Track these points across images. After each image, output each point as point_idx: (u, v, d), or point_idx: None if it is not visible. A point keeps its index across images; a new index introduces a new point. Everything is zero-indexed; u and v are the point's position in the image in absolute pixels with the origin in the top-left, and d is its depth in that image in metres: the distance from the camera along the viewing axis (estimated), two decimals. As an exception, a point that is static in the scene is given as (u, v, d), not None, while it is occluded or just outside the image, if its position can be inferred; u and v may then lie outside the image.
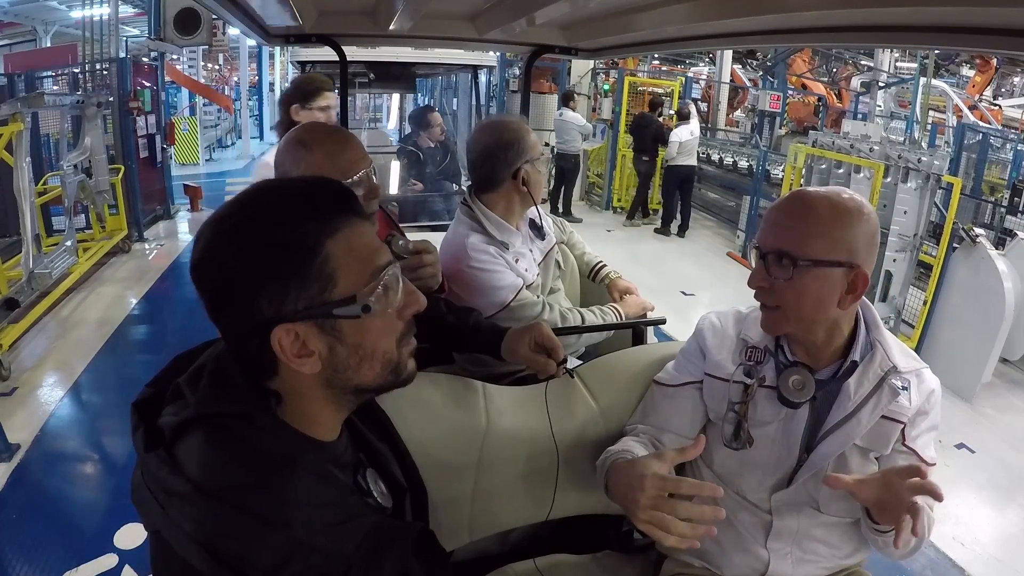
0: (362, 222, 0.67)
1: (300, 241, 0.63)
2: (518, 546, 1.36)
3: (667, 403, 1.18)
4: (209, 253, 0.64)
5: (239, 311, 0.64)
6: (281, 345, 0.63)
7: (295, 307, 0.63)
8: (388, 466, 0.82)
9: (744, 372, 1.09)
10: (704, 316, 1.21)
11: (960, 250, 4.00)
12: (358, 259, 0.65)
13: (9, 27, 12.26)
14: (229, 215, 0.65)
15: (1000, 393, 3.89)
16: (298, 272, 0.62)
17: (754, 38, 1.31)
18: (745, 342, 1.12)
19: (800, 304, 0.99)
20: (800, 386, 1.04)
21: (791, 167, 5.47)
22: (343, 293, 0.64)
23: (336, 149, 1.18)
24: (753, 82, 14.12)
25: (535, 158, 1.55)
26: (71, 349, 4.01)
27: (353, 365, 0.67)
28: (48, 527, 2.45)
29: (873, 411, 1.02)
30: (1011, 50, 0.84)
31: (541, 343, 1.22)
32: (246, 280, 0.63)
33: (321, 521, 0.62)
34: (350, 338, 0.66)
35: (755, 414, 1.08)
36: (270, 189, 0.69)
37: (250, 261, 0.62)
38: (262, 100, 17.22)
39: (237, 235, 0.64)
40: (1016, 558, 2.56)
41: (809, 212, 0.98)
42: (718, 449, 1.12)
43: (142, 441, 0.65)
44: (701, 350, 1.17)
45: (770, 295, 1.01)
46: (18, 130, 3.89)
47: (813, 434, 1.04)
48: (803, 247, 0.96)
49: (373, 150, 6.13)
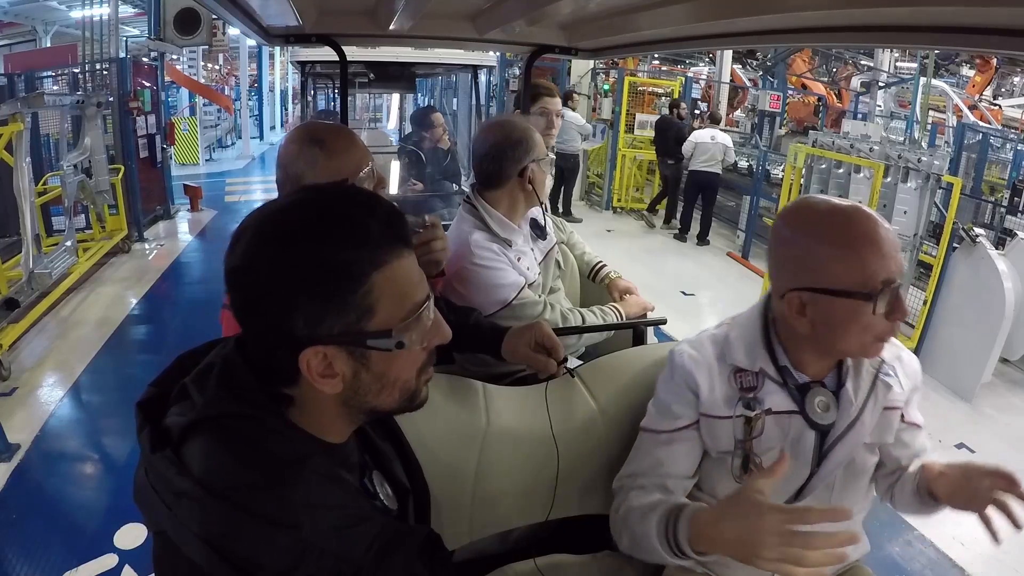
0: (409, 253, 0.67)
1: (347, 268, 0.62)
2: (518, 546, 1.36)
3: (664, 449, 1.10)
4: (250, 260, 0.63)
5: (271, 323, 0.63)
6: (308, 364, 0.63)
7: (330, 331, 0.62)
8: (392, 467, 0.82)
9: (744, 405, 1.03)
10: (678, 351, 1.10)
11: (960, 250, 4.00)
12: (400, 294, 0.65)
13: (9, 27, 12.25)
14: (278, 223, 0.64)
15: (1000, 393, 3.89)
16: (339, 298, 0.62)
17: (754, 38, 1.31)
18: (733, 367, 1.05)
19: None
20: (825, 407, 1.01)
21: (791, 167, 5.47)
22: (379, 325, 0.64)
23: (347, 146, 1.23)
24: (753, 82, 14.12)
25: (541, 158, 1.56)
26: (71, 349, 4.01)
27: (374, 391, 0.67)
28: (48, 527, 2.45)
29: (874, 409, 1.03)
30: (1011, 50, 0.84)
31: (541, 342, 1.21)
32: (285, 296, 0.62)
33: (331, 523, 0.61)
34: (376, 367, 0.66)
35: (760, 443, 1.03)
36: (325, 205, 0.65)
37: (293, 278, 0.61)
38: (262, 100, 17.23)
39: (283, 248, 0.62)
40: (1016, 558, 2.55)
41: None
42: (722, 480, 1.07)
43: (148, 441, 0.64)
44: (691, 390, 1.07)
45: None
46: (18, 130, 3.89)
47: (821, 446, 1.03)
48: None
49: (373, 150, 6.16)
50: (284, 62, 16.49)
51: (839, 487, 1.05)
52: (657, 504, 1.01)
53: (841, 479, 1.05)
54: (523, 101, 2.23)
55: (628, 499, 1.09)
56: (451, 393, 1.19)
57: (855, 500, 1.07)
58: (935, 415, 3.58)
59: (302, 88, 5.50)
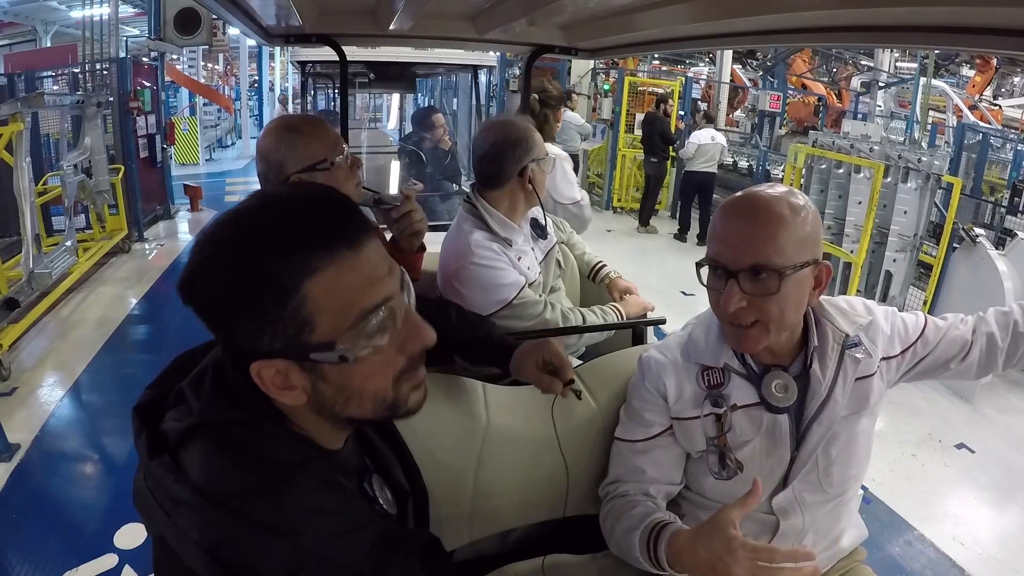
0: (353, 256, 0.60)
1: (276, 280, 0.58)
2: (518, 546, 1.36)
3: (642, 458, 1.11)
4: (191, 278, 0.61)
5: (223, 337, 0.63)
6: (261, 377, 0.61)
7: (271, 346, 0.60)
8: (391, 469, 0.81)
9: (711, 403, 1.05)
10: (646, 356, 1.13)
11: (960, 250, 4.01)
12: (340, 302, 0.60)
13: (9, 27, 12.26)
14: (215, 238, 0.61)
15: (1000, 393, 3.89)
16: (272, 312, 0.59)
17: (754, 38, 1.31)
18: (700, 366, 1.07)
19: (784, 314, 0.95)
20: (783, 389, 1.02)
21: (791, 167, 5.46)
22: (320, 338, 0.60)
23: (322, 130, 1.31)
24: (753, 82, 14.13)
25: (541, 157, 1.56)
26: (71, 349, 4.01)
27: (340, 402, 0.64)
28: (48, 527, 2.45)
29: (844, 385, 1.03)
30: (1011, 50, 0.84)
31: (549, 360, 1.18)
32: (224, 311, 0.61)
33: (329, 530, 0.61)
34: (334, 379, 0.63)
35: (735, 437, 1.04)
36: (262, 214, 0.62)
37: (228, 295, 0.59)
38: (262, 100, 17.23)
39: (217, 264, 0.60)
40: (1016, 558, 2.55)
41: (776, 218, 0.93)
42: (706, 479, 1.08)
43: (145, 447, 0.63)
44: (661, 395, 1.09)
45: (748, 312, 0.95)
46: (18, 130, 3.89)
47: (797, 430, 1.04)
48: (783, 256, 0.92)
49: (374, 150, 6.14)
50: (284, 62, 16.47)
51: (824, 467, 1.05)
52: (640, 517, 1.02)
53: (825, 459, 1.05)
54: (523, 101, 2.23)
55: (614, 508, 1.10)
56: (451, 393, 1.19)
57: (847, 479, 1.07)
58: (935, 415, 3.58)
59: (302, 88, 5.50)
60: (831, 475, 1.05)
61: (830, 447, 1.04)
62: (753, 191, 0.98)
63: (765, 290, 0.93)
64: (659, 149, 7.47)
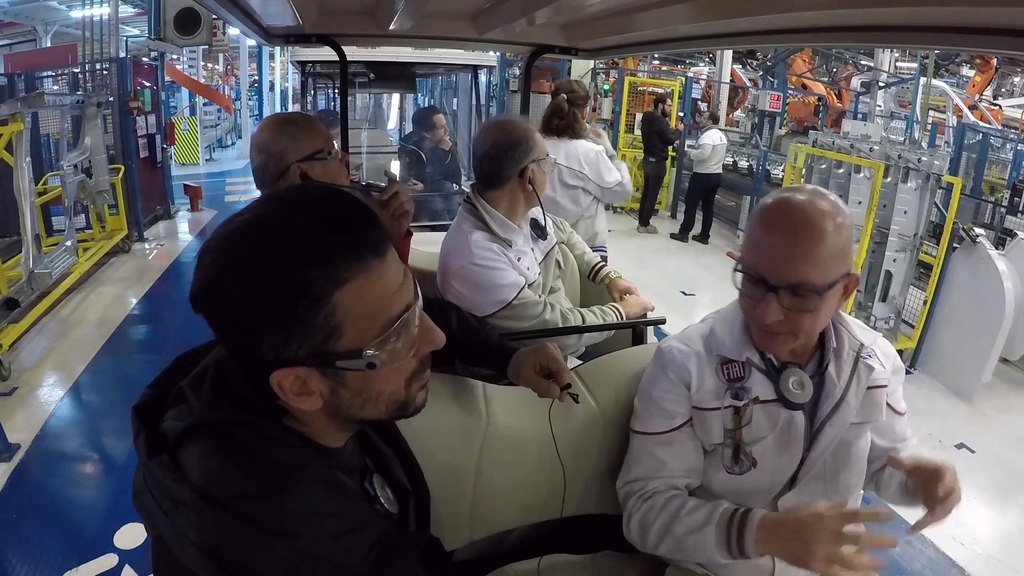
0: (380, 264, 0.61)
1: (306, 291, 0.58)
2: (518, 546, 1.36)
3: (664, 450, 1.10)
4: (209, 288, 0.59)
5: (239, 347, 0.62)
6: (280, 385, 0.61)
7: (296, 354, 0.59)
8: (392, 469, 0.81)
9: (732, 395, 1.05)
10: (667, 347, 1.13)
11: (960, 250, 4.00)
12: (369, 311, 0.61)
13: (9, 27, 12.26)
14: (233, 247, 0.59)
15: (1000, 393, 3.89)
16: (301, 322, 0.58)
17: (754, 38, 1.31)
18: (720, 359, 1.07)
19: (815, 325, 0.98)
20: (800, 386, 1.04)
21: (791, 167, 5.46)
22: (348, 346, 0.60)
23: (315, 125, 1.39)
24: (753, 82, 14.13)
25: (541, 158, 1.56)
26: (71, 349, 4.01)
27: (356, 405, 0.65)
28: (48, 527, 2.45)
29: (857, 389, 1.05)
30: (1011, 50, 0.84)
31: (546, 365, 1.17)
32: (248, 323, 0.59)
33: (329, 531, 0.61)
34: (354, 384, 0.63)
35: (750, 433, 1.04)
36: (283, 222, 0.60)
37: (253, 306, 0.58)
38: (262, 100, 17.23)
39: (240, 274, 0.58)
40: (1016, 558, 2.56)
41: (817, 234, 0.92)
42: (717, 473, 1.08)
43: (144, 447, 0.63)
44: (684, 384, 1.09)
45: (784, 324, 0.96)
46: (18, 130, 3.89)
47: (811, 429, 1.05)
48: (823, 276, 0.92)
49: (374, 150, 6.14)
50: (284, 62, 16.48)
51: (831, 472, 1.06)
52: (707, 514, 1.02)
53: (833, 464, 1.05)
54: (523, 101, 2.23)
55: (651, 504, 1.08)
56: (451, 393, 1.19)
57: (849, 486, 1.08)
58: (935, 415, 3.58)
59: (302, 88, 5.50)
60: (836, 481, 1.06)
61: (839, 452, 1.05)
62: (794, 201, 0.95)
63: (804, 307, 0.94)
64: (658, 149, 7.46)
